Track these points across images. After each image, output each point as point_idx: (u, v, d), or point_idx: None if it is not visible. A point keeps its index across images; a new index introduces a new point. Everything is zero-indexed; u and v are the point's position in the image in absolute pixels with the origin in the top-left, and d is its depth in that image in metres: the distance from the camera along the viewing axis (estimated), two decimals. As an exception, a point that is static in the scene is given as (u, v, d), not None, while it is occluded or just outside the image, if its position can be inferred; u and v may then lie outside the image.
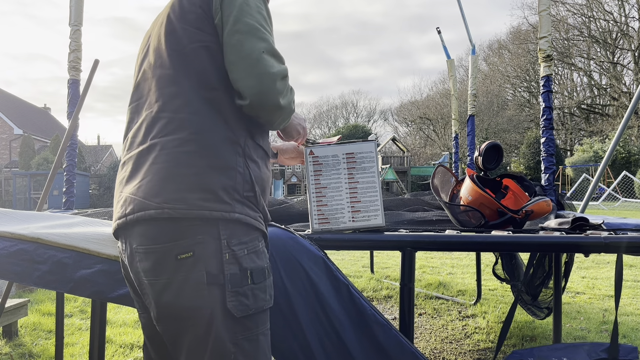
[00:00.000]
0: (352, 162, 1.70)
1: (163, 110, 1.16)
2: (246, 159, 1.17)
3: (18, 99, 33.92)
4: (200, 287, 1.08)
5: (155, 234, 1.09)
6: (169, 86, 1.17)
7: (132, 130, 1.23)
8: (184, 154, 1.12)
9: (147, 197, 1.10)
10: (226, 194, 1.12)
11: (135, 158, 1.17)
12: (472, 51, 5.09)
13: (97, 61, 2.81)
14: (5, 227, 1.61)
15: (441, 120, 35.15)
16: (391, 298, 4.53)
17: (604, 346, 1.69)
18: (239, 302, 1.10)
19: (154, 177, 1.11)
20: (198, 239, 1.08)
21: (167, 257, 1.08)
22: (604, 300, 4.37)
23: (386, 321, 1.48)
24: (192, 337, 1.11)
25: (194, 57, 1.16)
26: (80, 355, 3.05)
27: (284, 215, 2.44)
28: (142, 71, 1.26)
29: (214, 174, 1.12)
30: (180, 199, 1.08)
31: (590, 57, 33.80)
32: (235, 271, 1.11)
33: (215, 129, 1.14)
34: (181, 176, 1.10)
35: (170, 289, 1.09)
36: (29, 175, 20.23)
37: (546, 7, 2.78)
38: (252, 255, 1.15)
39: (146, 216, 1.09)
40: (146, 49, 1.27)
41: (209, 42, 1.16)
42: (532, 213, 2.07)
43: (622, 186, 19.28)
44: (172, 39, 1.19)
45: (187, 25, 1.18)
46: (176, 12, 1.20)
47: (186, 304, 1.09)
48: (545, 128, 2.74)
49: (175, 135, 1.13)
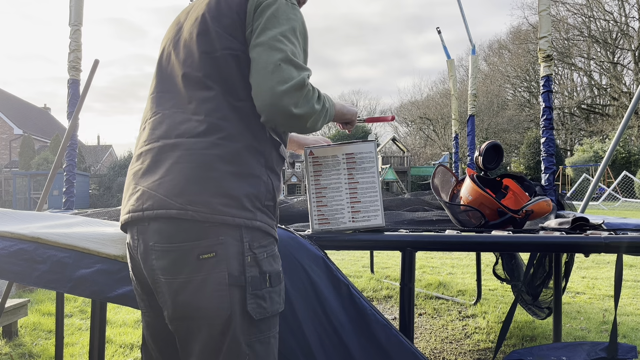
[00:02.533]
0: (352, 163, 1.69)
1: (193, 112, 1.16)
2: (267, 170, 1.19)
3: (18, 99, 33.92)
4: (221, 288, 1.09)
5: (175, 233, 1.09)
6: (201, 89, 1.17)
7: (153, 122, 1.22)
8: (210, 157, 1.12)
9: (169, 195, 1.09)
10: (249, 202, 1.13)
11: (156, 152, 1.16)
12: (472, 51, 5.09)
13: (97, 61, 2.81)
14: (5, 227, 1.61)
15: (441, 120, 35.14)
16: (391, 298, 4.53)
17: (603, 345, 1.69)
18: (258, 305, 1.12)
19: (177, 176, 1.11)
20: (220, 239, 1.09)
21: (188, 256, 1.08)
22: (604, 300, 4.37)
23: (386, 321, 1.48)
24: (206, 337, 1.11)
25: (223, 64, 1.16)
26: (80, 355, 3.05)
27: (284, 215, 2.44)
28: (170, 63, 1.24)
29: (239, 181, 1.12)
30: (203, 202, 1.09)
31: (590, 57, 33.81)
32: (256, 274, 1.12)
33: (243, 137, 1.15)
34: (206, 179, 1.10)
35: (188, 288, 1.09)
36: (29, 175, 20.22)
37: (546, 7, 2.78)
38: (270, 259, 1.17)
39: (167, 215, 1.09)
40: (177, 40, 1.26)
41: (238, 51, 1.16)
42: (532, 213, 2.07)
43: (622, 186, 19.28)
44: (204, 41, 1.18)
45: (220, 30, 1.17)
46: (212, 11, 1.20)
47: (204, 304, 1.09)
48: (545, 128, 2.74)
49: (204, 138, 1.13)
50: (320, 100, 1.20)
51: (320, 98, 1.20)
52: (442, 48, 5.46)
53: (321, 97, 1.21)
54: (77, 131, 3.02)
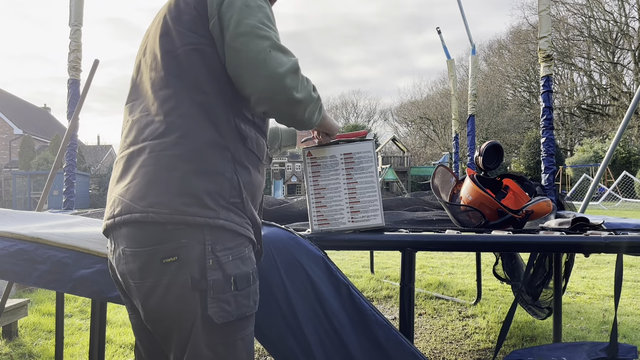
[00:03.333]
0: (351, 163, 1.69)
1: (155, 113, 1.15)
2: (235, 165, 1.16)
3: (18, 99, 33.92)
4: (185, 292, 1.08)
5: (141, 237, 1.09)
6: (162, 89, 1.16)
7: (126, 130, 1.23)
8: (169, 157, 1.11)
9: (133, 199, 1.10)
10: (211, 200, 1.11)
11: (126, 159, 1.17)
12: (472, 51, 5.09)
13: (97, 61, 2.81)
14: (5, 227, 1.61)
15: (441, 120, 35.16)
16: (391, 298, 4.53)
17: (603, 345, 1.69)
18: (220, 309, 1.10)
19: (141, 180, 1.11)
20: (182, 242, 1.07)
21: (153, 260, 1.08)
22: (604, 300, 4.37)
23: (386, 321, 1.48)
24: (177, 339, 1.12)
25: (185, 60, 1.15)
26: (80, 355, 3.05)
27: (284, 215, 2.44)
28: (140, 71, 1.25)
29: (199, 179, 1.10)
30: (164, 203, 1.08)
31: (590, 57, 33.81)
32: (219, 277, 1.10)
33: (204, 133, 1.13)
34: (166, 180, 1.10)
35: (156, 292, 1.09)
36: (29, 175, 20.22)
37: (546, 7, 2.78)
38: (237, 261, 1.14)
39: (132, 219, 1.09)
40: (144, 49, 1.27)
41: (202, 44, 1.15)
42: (532, 213, 2.07)
43: (622, 186, 19.28)
44: (165, 41, 1.18)
45: (180, 27, 1.16)
46: (172, 12, 1.19)
47: (171, 308, 1.09)
48: (545, 128, 2.74)
49: (163, 139, 1.12)
50: (315, 91, 1.20)
51: (315, 89, 1.20)
52: (442, 48, 5.47)
53: (315, 88, 1.20)
54: (77, 131, 3.02)
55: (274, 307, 1.47)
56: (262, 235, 1.57)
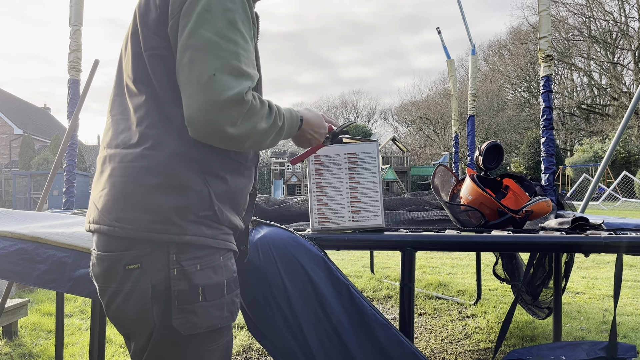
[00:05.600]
0: (354, 162, 1.70)
1: (130, 120, 1.12)
2: (205, 176, 1.09)
3: (18, 99, 33.93)
4: (144, 300, 1.05)
5: (107, 244, 1.08)
6: (135, 95, 1.12)
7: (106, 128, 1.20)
8: (136, 170, 1.07)
9: (102, 211, 1.09)
10: (177, 216, 1.05)
11: (102, 161, 1.15)
12: (472, 51, 5.09)
13: (97, 61, 2.81)
14: (5, 227, 1.62)
15: (441, 120, 35.17)
16: (391, 298, 4.53)
17: (603, 345, 1.69)
18: (186, 320, 1.05)
19: (110, 191, 1.09)
20: (147, 251, 1.05)
21: (117, 265, 1.06)
22: (604, 300, 4.37)
23: (386, 321, 1.48)
24: (135, 346, 1.12)
25: (150, 65, 1.09)
26: (80, 355, 3.05)
27: (284, 215, 2.44)
28: (121, 66, 1.20)
29: (165, 195, 1.05)
30: (129, 219, 1.05)
31: (590, 57, 33.82)
32: (184, 287, 1.05)
33: (171, 144, 1.07)
34: (132, 195, 1.06)
35: (118, 297, 1.07)
36: (29, 175, 20.22)
37: (546, 7, 2.78)
38: (207, 270, 1.08)
39: (100, 230, 1.09)
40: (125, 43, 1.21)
41: (161, 49, 1.07)
42: (532, 213, 2.07)
43: (622, 186, 19.28)
44: (134, 41, 1.12)
45: (145, 29, 1.09)
46: (141, 8, 1.12)
47: (130, 315, 1.07)
48: (545, 128, 2.74)
49: (133, 150, 1.08)
50: (272, 116, 1.08)
51: (272, 114, 1.08)
52: (442, 48, 5.47)
53: (273, 113, 1.09)
54: (77, 131, 3.03)
55: (274, 307, 1.48)
56: (262, 235, 1.57)
